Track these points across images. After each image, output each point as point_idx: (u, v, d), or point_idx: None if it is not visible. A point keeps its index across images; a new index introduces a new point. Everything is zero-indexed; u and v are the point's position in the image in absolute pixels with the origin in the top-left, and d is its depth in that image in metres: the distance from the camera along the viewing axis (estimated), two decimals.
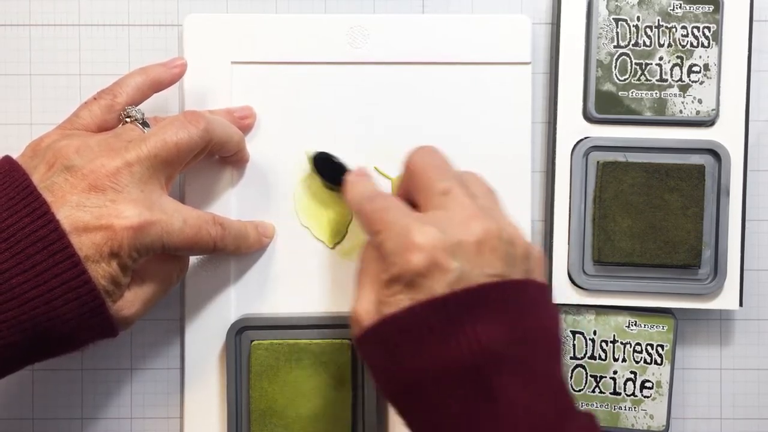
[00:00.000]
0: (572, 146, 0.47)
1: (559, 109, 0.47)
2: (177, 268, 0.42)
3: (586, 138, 0.47)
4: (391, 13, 0.49)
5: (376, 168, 0.47)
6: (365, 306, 0.36)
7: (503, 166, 0.47)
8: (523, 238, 0.36)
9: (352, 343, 0.46)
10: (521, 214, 0.47)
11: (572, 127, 0.47)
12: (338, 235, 0.47)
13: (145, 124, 0.41)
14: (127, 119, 0.41)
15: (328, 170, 0.45)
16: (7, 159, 0.37)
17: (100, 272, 0.35)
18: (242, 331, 0.46)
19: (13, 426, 0.48)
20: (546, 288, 0.37)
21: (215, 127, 0.40)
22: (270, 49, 0.47)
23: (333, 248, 0.47)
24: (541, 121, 0.49)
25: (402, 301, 0.34)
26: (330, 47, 0.47)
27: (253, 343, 0.45)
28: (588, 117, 0.47)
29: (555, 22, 0.48)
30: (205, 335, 0.46)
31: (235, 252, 0.44)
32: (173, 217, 0.38)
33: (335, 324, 0.46)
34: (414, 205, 0.38)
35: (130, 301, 0.38)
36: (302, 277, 0.47)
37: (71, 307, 0.35)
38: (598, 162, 0.47)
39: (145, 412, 0.48)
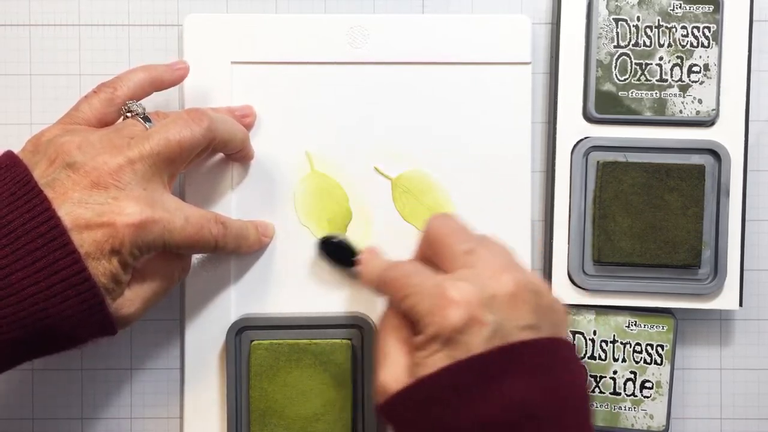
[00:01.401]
0: (572, 146, 0.47)
1: (559, 109, 0.47)
2: (178, 267, 0.42)
3: (586, 138, 0.47)
4: (391, 13, 0.49)
5: (376, 168, 0.47)
6: (393, 373, 0.35)
7: (503, 166, 0.47)
8: (548, 288, 0.37)
9: (352, 343, 0.46)
10: (521, 214, 0.47)
11: (572, 127, 0.47)
12: None
13: (146, 119, 0.40)
14: (128, 114, 0.40)
15: (337, 253, 0.46)
16: (9, 154, 0.37)
17: (101, 270, 0.35)
18: (242, 331, 0.46)
19: (13, 426, 0.48)
20: (574, 346, 0.37)
21: (218, 125, 0.40)
22: (270, 49, 0.47)
23: None
24: (541, 121, 0.49)
25: (439, 360, 0.33)
26: (330, 47, 0.47)
27: (253, 343, 0.45)
28: (588, 117, 0.47)
29: (555, 22, 0.48)
30: (205, 335, 0.46)
31: (235, 251, 0.44)
32: (175, 215, 0.38)
33: (335, 324, 0.46)
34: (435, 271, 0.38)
35: (130, 299, 0.38)
36: (302, 277, 0.47)
37: (71, 303, 0.34)
38: (598, 162, 0.47)
39: (145, 412, 0.48)
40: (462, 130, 0.47)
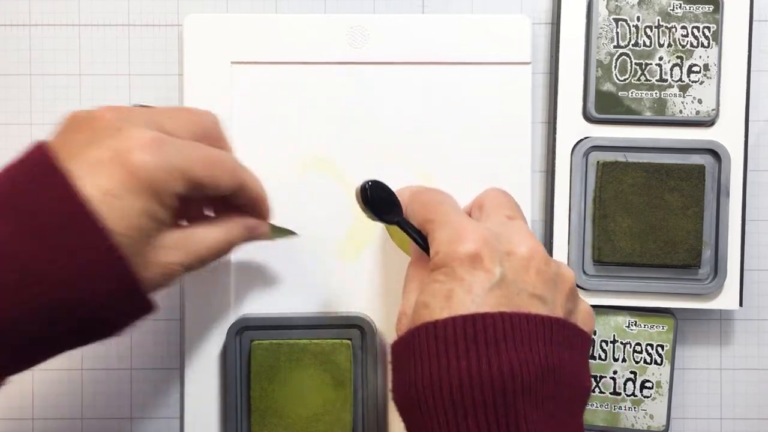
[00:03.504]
0: (572, 146, 0.47)
1: (559, 109, 0.47)
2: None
3: (586, 138, 0.47)
4: (391, 13, 0.49)
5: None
6: (409, 301, 0.37)
7: (503, 166, 0.47)
8: (573, 280, 0.36)
9: (352, 343, 0.46)
10: None
11: (572, 127, 0.47)
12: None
13: None
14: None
15: (380, 202, 0.39)
16: (38, 144, 0.33)
17: (126, 213, 0.32)
18: (242, 331, 0.46)
19: (13, 426, 0.48)
20: (589, 342, 0.36)
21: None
22: (270, 49, 0.47)
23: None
24: (541, 121, 0.49)
25: (438, 290, 0.33)
26: (330, 47, 0.47)
27: (253, 343, 0.45)
28: (588, 117, 0.47)
29: (555, 22, 0.48)
30: (205, 335, 0.46)
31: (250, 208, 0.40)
32: (187, 148, 0.34)
33: (335, 324, 0.46)
34: None
35: (172, 246, 0.35)
36: (302, 277, 0.47)
37: (102, 284, 0.31)
38: (598, 162, 0.47)
39: (145, 412, 0.48)
40: (462, 130, 0.47)
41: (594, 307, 0.47)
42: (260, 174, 0.47)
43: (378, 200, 0.38)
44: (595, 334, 0.47)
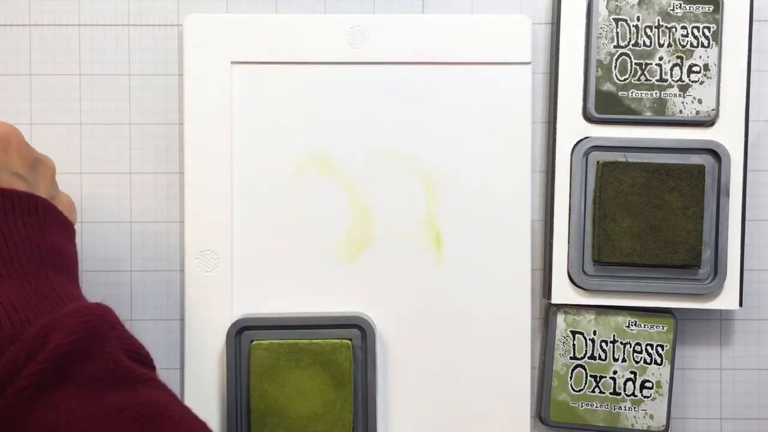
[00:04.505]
0: (572, 146, 0.47)
1: (559, 109, 0.47)
2: None
3: (586, 138, 0.47)
4: (391, 13, 0.49)
5: None
6: None
7: (503, 166, 0.47)
8: (54, 167, 0.37)
9: (352, 343, 0.46)
10: (521, 214, 0.47)
11: (572, 127, 0.47)
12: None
13: None
14: None
15: None
16: None
17: None
18: (242, 331, 0.46)
19: None
20: (73, 230, 0.37)
21: None
22: (270, 49, 0.47)
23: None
24: (541, 121, 0.49)
25: None
26: (330, 47, 0.47)
27: (253, 343, 0.45)
28: (588, 117, 0.47)
29: (555, 22, 0.48)
30: (205, 335, 0.46)
31: None
32: None
33: (335, 324, 0.46)
34: None
35: None
36: (302, 277, 0.47)
37: None
38: (598, 162, 0.47)
39: None
40: (462, 130, 0.47)
41: (594, 307, 0.47)
42: (259, 173, 0.47)
43: None
44: (594, 334, 0.47)
